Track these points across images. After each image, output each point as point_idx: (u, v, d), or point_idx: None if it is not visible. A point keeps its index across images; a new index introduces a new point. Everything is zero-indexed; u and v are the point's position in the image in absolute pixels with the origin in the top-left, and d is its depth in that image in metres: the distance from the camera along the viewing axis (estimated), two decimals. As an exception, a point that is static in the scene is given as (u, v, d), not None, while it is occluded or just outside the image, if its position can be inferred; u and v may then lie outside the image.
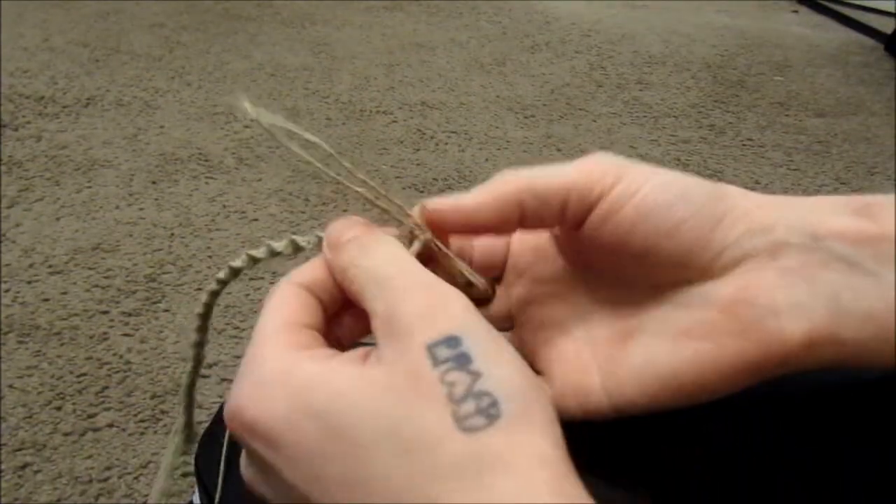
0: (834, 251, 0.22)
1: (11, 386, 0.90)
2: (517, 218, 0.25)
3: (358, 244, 0.24)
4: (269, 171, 1.37)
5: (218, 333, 1.00)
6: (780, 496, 0.29)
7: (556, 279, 0.27)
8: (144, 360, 0.95)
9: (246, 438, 0.22)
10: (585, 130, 1.64)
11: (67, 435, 0.85)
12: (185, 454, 0.33)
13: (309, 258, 0.26)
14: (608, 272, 0.26)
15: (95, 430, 0.86)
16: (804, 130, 1.74)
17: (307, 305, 0.24)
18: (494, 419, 0.19)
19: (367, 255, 0.24)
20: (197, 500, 0.40)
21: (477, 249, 0.28)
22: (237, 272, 0.28)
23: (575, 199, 0.24)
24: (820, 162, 1.61)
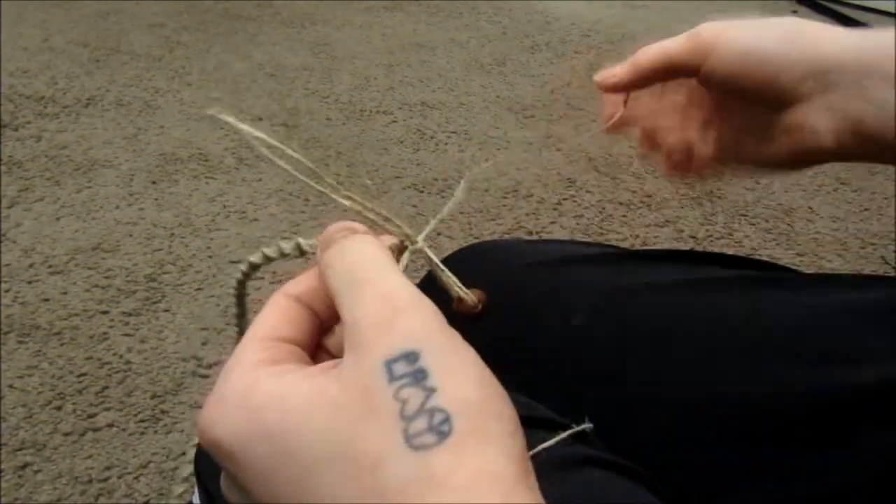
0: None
1: (11, 386, 0.90)
2: (658, 75, 0.40)
3: (339, 247, 0.24)
4: (269, 171, 1.37)
5: (218, 333, 1.00)
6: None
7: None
8: (144, 360, 0.95)
9: (213, 453, 0.22)
10: (585, 130, 1.64)
11: (67, 435, 0.85)
12: None
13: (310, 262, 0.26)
14: (725, 104, 0.41)
15: (95, 430, 0.86)
16: (804, 130, 1.73)
17: (291, 319, 0.24)
18: (444, 437, 0.18)
19: (343, 257, 0.23)
20: (197, 500, 0.40)
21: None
22: (256, 267, 0.29)
23: (689, 56, 0.38)
24: (820, 162, 1.61)
